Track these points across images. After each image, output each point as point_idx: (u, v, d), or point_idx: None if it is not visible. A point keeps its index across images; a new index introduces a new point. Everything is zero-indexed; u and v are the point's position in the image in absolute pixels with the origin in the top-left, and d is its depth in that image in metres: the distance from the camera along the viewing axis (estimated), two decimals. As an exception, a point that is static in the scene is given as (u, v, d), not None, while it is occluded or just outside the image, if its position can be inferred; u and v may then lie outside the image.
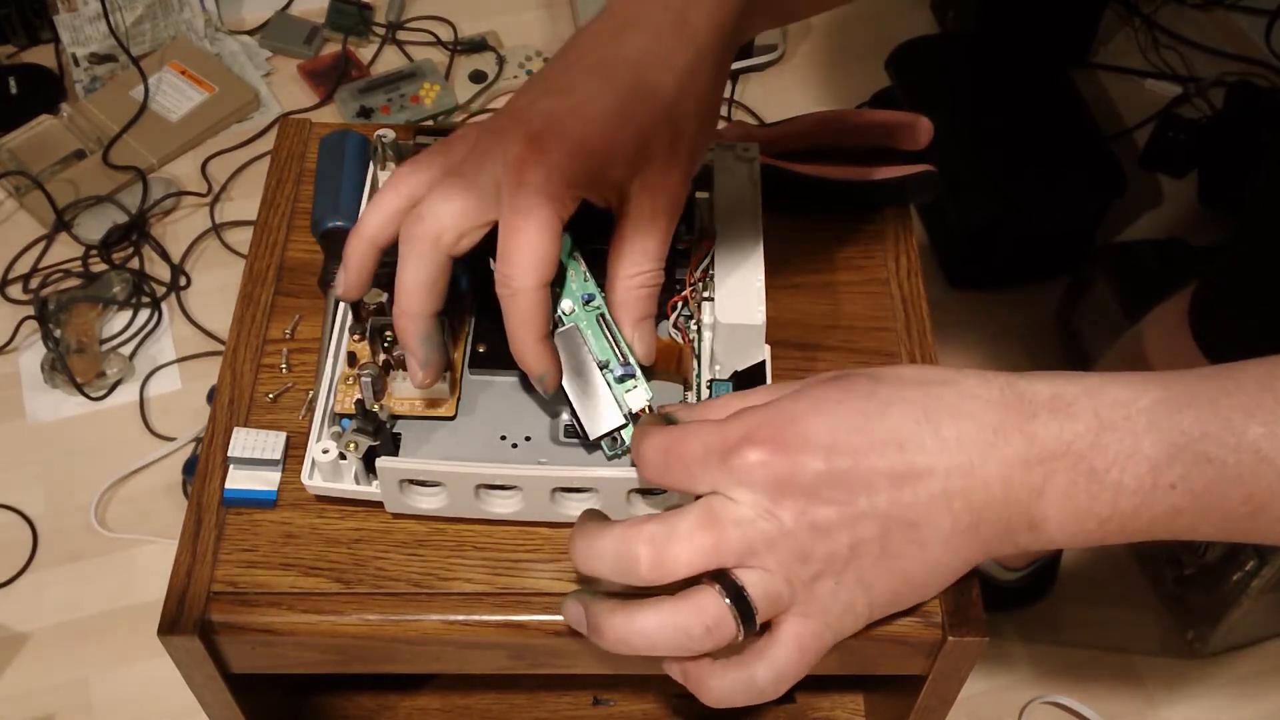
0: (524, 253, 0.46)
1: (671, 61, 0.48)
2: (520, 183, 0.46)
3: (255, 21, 1.71)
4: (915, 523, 0.43)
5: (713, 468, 0.43)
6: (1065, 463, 0.42)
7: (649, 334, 0.52)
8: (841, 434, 0.42)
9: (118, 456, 1.31)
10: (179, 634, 0.51)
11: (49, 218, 1.47)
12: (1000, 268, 1.48)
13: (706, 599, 0.44)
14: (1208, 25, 1.75)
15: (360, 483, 0.53)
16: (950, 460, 0.42)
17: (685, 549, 0.43)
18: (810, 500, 0.42)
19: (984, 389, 0.43)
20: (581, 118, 0.47)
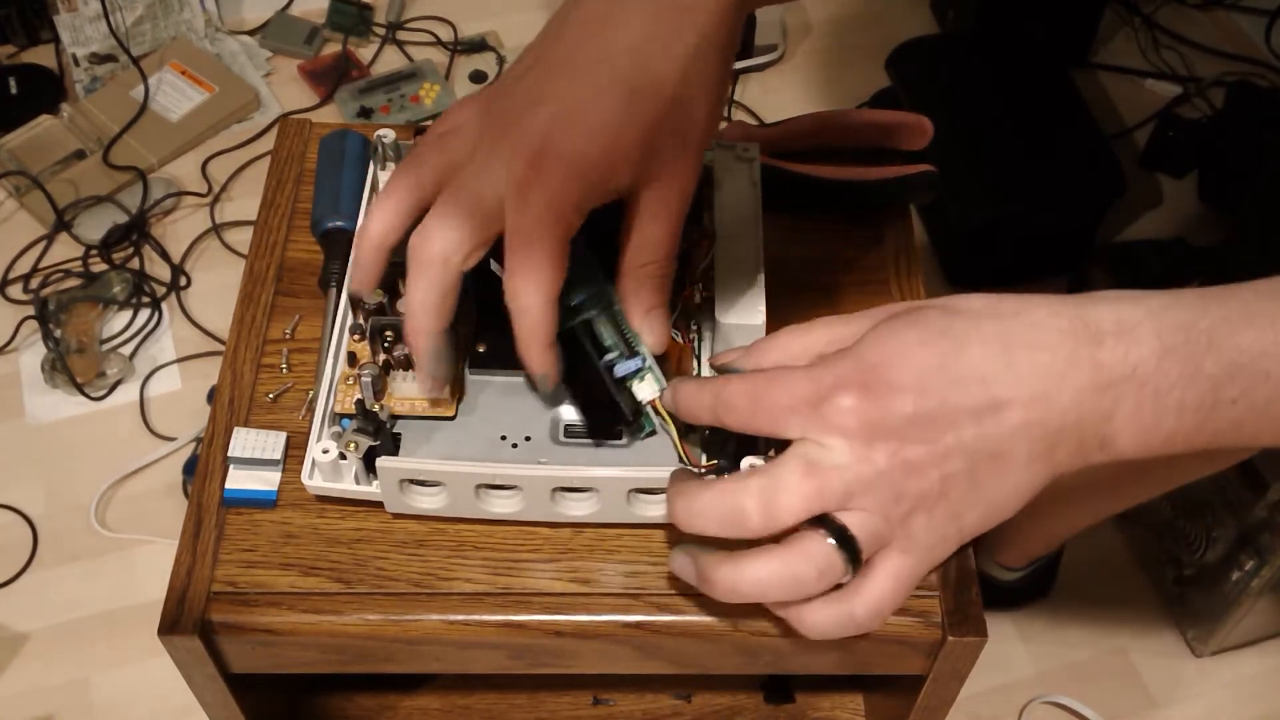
0: (530, 274, 0.47)
1: (673, 46, 0.47)
2: (523, 207, 0.47)
3: (255, 21, 1.71)
4: (998, 453, 0.45)
5: (803, 415, 0.45)
6: (1131, 386, 0.44)
7: (659, 323, 0.52)
8: (925, 375, 0.44)
9: (118, 456, 1.31)
10: (179, 634, 0.51)
11: (49, 218, 1.47)
12: (1000, 268, 1.48)
13: (815, 544, 0.45)
14: (1208, 25, 1.75)
15: (360, 483, 0.53)
16: (1027, 391, 0.44)
17: (792, 498, 0.45)
18: (901, 441, 0.44)
19: (1054, 318, 0.45)
20: (582, 130, 0.46)
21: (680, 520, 0.47)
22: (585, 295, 0.53)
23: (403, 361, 0.54)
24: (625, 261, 0.51)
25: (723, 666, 0.54)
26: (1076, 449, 0.45)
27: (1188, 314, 0.44)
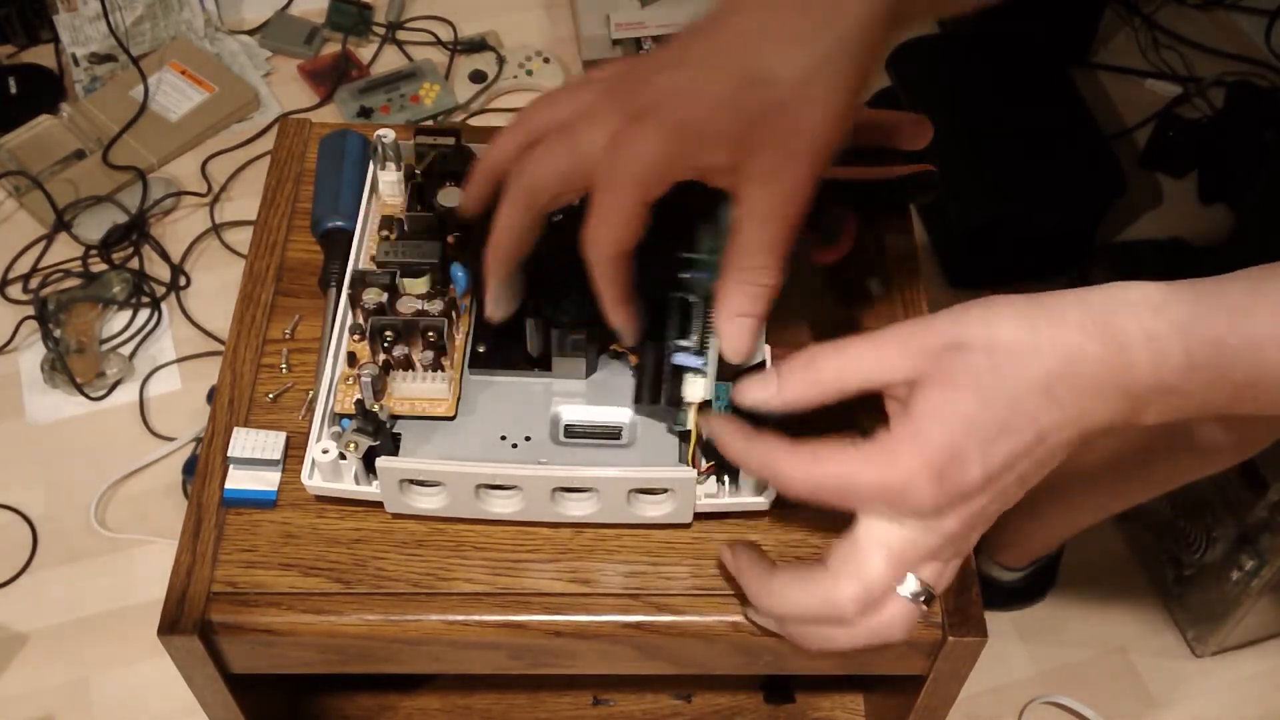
0: (604, 227, 0.49)
1: (802, 46, 0.47)
2: (613, 159, 0.48)
3: (255, 21, 1.71)
4: (1046, 465, 0.48)
5: (880, 503, 0.47)
6: (1158, 395, 0.47)
7: (742, 333, 0.50)
8: (987, 441, 0.46)
9: (118, 456, 1.31)
10: (179, 634, 0.51)
11: (49, 218, 1.47)
12: (1000, 268, 1.48)
13: (896, 608, 0.48)
14: (1208, 25, 1.75)
15: (360, 483, 0.53)
16: (1071, 418, 0.47)
17: (881, 585, 0.48)
18: (970, 501, 0.47)
19: (1089, 344, 0.46)
20: (685, 99, 0.48)
21: (768, 607, 0.50)
22: (694, 274, 0.54)
23: (402, 361, 0.54)
24: (727, 261, 0.50)
25: (723, 666, 0.54)
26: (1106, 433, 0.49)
27: (1215, 329, 0.46)
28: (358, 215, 0.60)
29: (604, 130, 0.49)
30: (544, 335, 0.55)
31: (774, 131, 0.48)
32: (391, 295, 0.55)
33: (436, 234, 0.58)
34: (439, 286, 0.56)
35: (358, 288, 0.55)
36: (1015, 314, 0.47)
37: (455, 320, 0.56)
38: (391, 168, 0.61)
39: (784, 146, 0.48)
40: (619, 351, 0.56)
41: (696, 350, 0.53)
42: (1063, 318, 0.47)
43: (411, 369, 0.55)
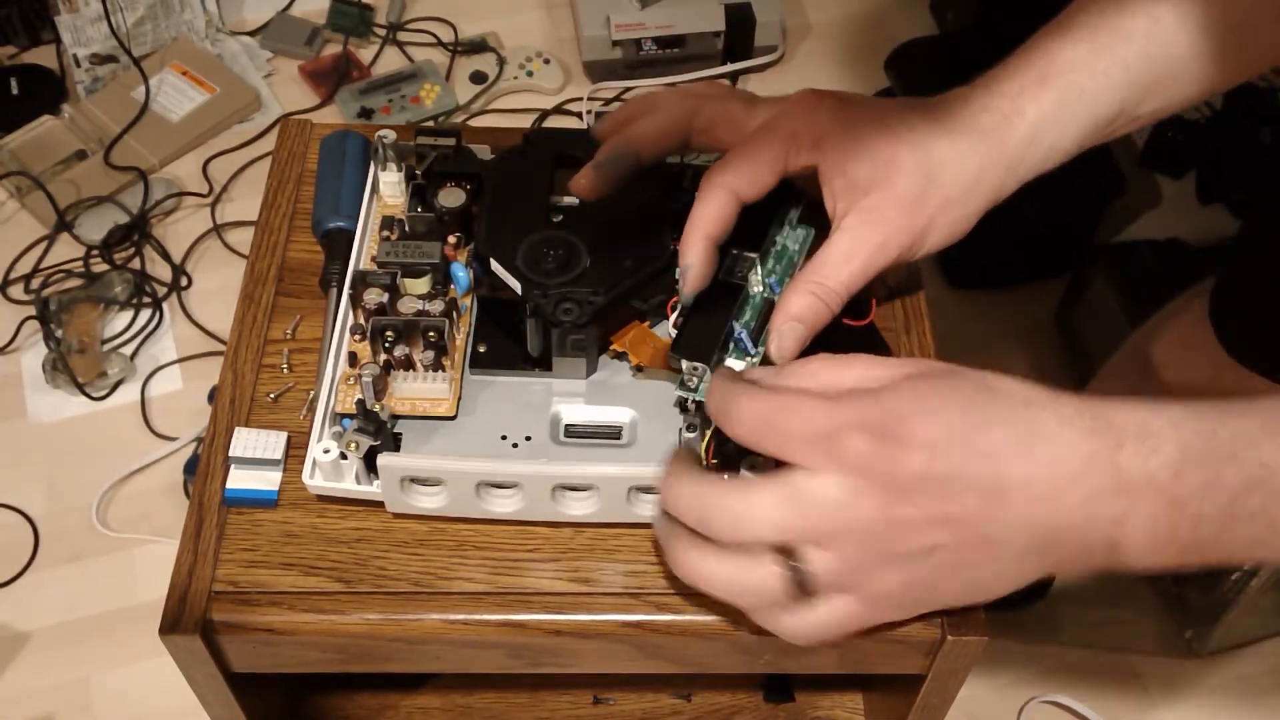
0: (738, 161, 0.52)
1: (965, 153, 0.54)
2: (783, 113, 0.53)
3: (256, 22, 1.71)
4: (993, 539, 0.44)
5: (813, 446, 0.44)
6: (1148, 493, 0.43)
7: (794, 335, 0.52)
8: (945, 439, 0.43)
9: (119, 456, 1.31)
10: (180, 633, 0.51)
11: (50, 218, 1.47)
12: (1000, 268, 1.48)
13: (770, 575, 0.45)
14: (1207, 26, 1.75)
15: (361, 482, 0.53)
16: (1039, 484, 0.43)
17: (763, 526, 0.45)
18: (899, 498, 0.43)
19: (1079, 416, 0.44)
20: (866, 107, 0.54)
21: (663, 498, 0.48)
22: (770, 276, 0.55)
23: (403, 361, 0.54)
24: (802, 271, 0.53)
25: (723, 666, 0.55)
26: (1080, 551, 0.44)
27: (1208, 423, 0.43)
28: (359, 216, 0.60)
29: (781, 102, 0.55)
30: (544, 335, 0.55)
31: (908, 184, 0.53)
32: (392, 295, 0.55)
33: (437, 234, 0.58)
34: (439, 287, 0.56)
35: (359, 288, 0.55)
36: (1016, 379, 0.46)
37: (456, 320, 0.56)
38: (392, 168, 0.61)
39: (914, 201, 0.53)
40: (619, 351, 0.56)
41: (752, 335, 0.54)
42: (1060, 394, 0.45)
43: (412, 369, 0.55)
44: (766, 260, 0.56)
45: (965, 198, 0.54)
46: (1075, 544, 0.44)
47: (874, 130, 0.53)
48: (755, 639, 0.53)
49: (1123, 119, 0.56)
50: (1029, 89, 0.54)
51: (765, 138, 0.53)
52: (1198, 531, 0.43)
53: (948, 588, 0.46)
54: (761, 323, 0.54)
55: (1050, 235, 1.47)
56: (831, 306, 0.52)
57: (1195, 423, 0.43)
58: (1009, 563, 0.45)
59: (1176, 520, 0.43)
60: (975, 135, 0.54)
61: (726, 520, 0.45)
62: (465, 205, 0.58)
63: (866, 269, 0.53)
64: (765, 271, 0.56)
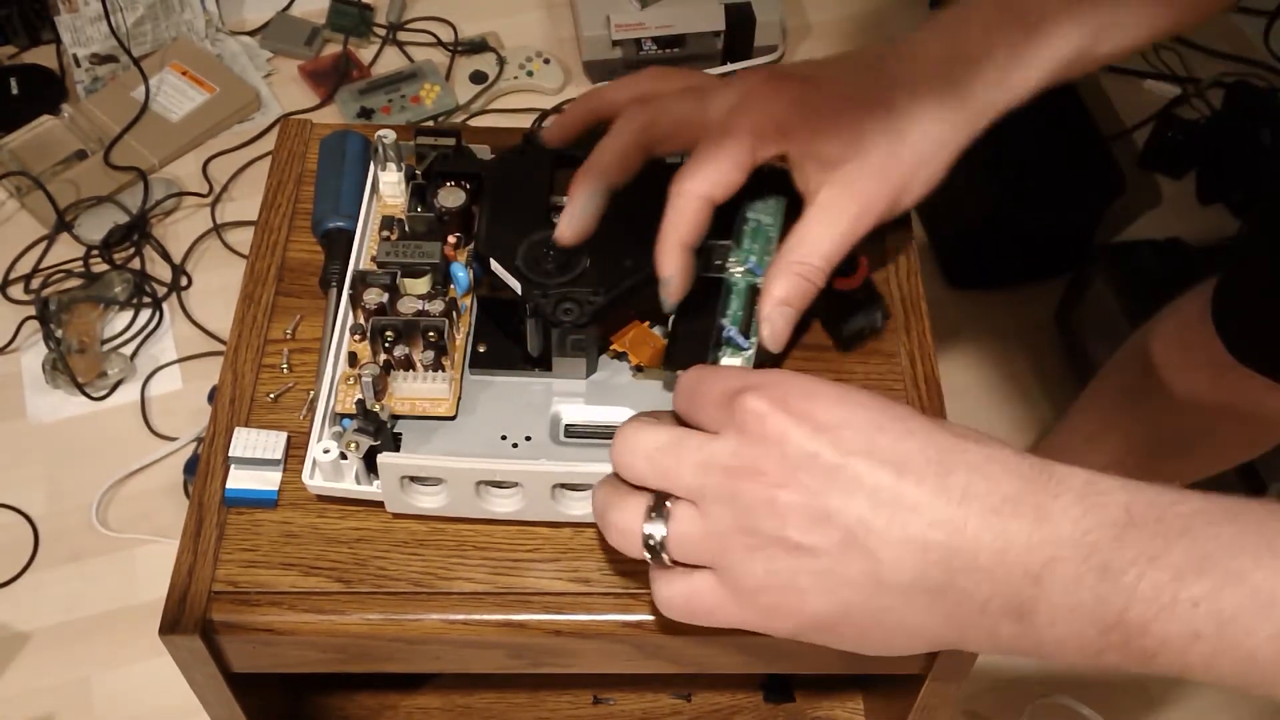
0: (707, 165, 0.50)
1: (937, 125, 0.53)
2: (739, 108, 0.51)
3: (256, 22, 1.71)
4: (878, 555, 0.39)
5: (718, 407, 0.42)
6: (1076, 551, 0.37)
7: (785, 320, 0.52)
8: (847, 432, 0.40)
9: (119, 456, 1.31)
10: (180, 633, 0.51)
11: (50, 218, 1.47)
12: (1000, 268, 1.48)
13: (631, 510, 0.43)
14: (1206, 26, 1.75)
15: (361, 482, 0.53)
16: (943, 509, 0.38)
17: (636, 455, 0.43)
18: (782, 476, 0.40)
19: (1015, 460, 0.39)
20: (824, 83, 0.52)
21: None
22: (745, 265, 0.55)
23: (403, 361, 0.54)
24: (783, 251, 0.52)
25: (722, 666, 0.54)
26: (981, 606, 0.38)
27: (1168, 495, 0.38)
28: (358, 216, 0.60)
29: (735, 91, 0.52)
30: (544, 335, 0.55)
31: (879, 150, 0.52)
32: (392, 295, 0.55)
33: (437, 234, 0.58)
34: (439, 287, 0.56)
35: (358, 288, 0.55)
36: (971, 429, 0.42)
37: (456, 320, 0.56)
38: (392, 168, 0.61)
39: (884, 167, 0.52)
40: (619, 351, 0.56)
41: (742, 330, 0.54)
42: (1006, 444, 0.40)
43: (412, 369, 0.55)
44: (742, 241, 0.56)
45: (938, 150, 0.53)
46: (978, 599, 0.38)
47: (837, 107, 0.52)
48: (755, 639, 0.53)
49: (1082, 60, 0.56)
50: (995, 29, 0.53)
51: (729, 137, 0.51)
52: (1127, 612, 0.36)
53: (818, 601, 0.40)
54: (749, 312, 0.54)
55: (1050, 235, 1.47)
56: (817, 283, 0.52)
57: (1151, 492, 0.38)
58: (893, 596, 0.39)
59: (1104, 592, 0.36)
60: (943, 86, 0.52)
61: (618, 445, 0.44)
62: (465, 205, 0.58)
63: (847, 240, 0.52)
64: (743, 253, 0.55)
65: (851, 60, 0.54)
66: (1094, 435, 1.10)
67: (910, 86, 0.53)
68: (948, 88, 0.53)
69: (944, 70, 0.53)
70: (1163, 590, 0.36)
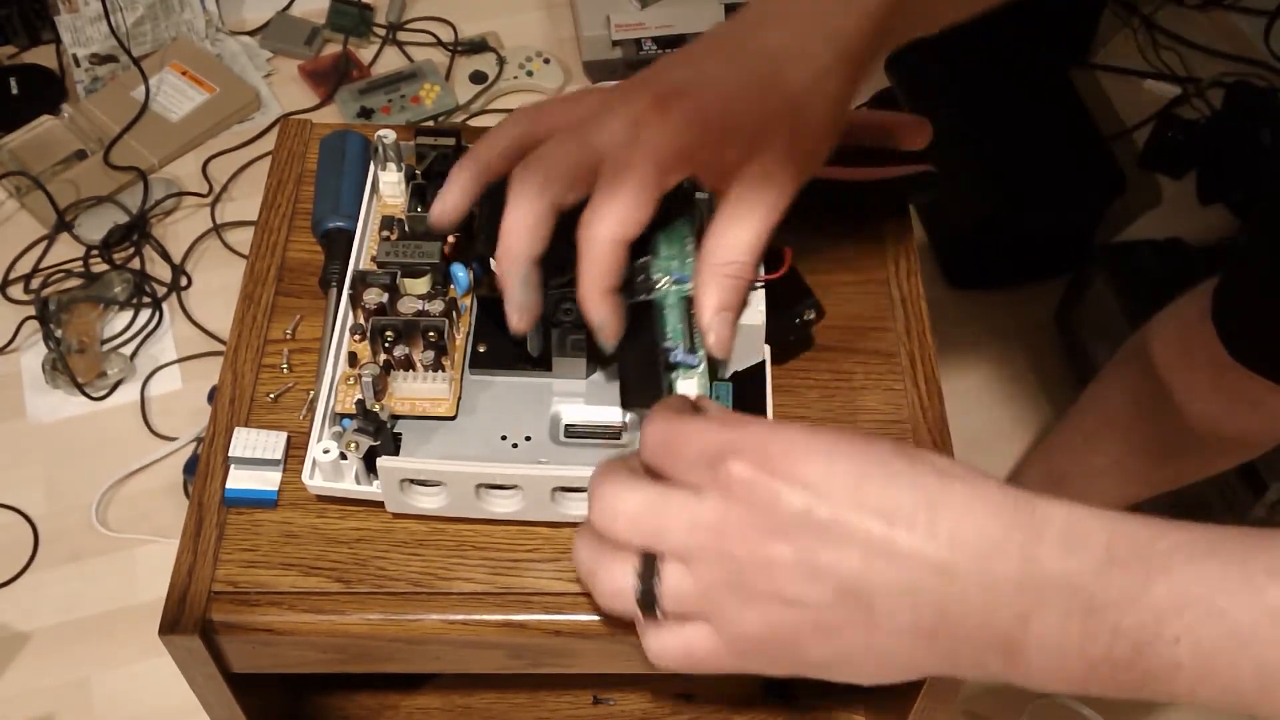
0: (613, 205, 0.47)
1: (807, 59, 0.49)
2: (634, 138, 0.47)
3: (256, 22, 1.71)
4: (871, 605, 0.40)
5: (698, 466, 0.42)
6: (1062, 594, 0.38)
7: (727, 326, 0.51)
8: (833, 484, 0.40)
9: (119, 456, 1.31)
10: (180, 633, 0.51)
11: (50, 218, 1.47)
12: (1000, 267, 1.48)
13: (618, 570, 0.43)
14: (1206, 26, 1.75)
15: (361, 482, 0.53)
16: (935, 555, 0.39)
17: (621, 521, 0.43)
18: (772, 534, 0.40)
19: (999, 497, 0.40)
20: (709, 90, 0.48)
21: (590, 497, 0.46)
22: (668, 275, 0.53)
23: (403, 361, 0.54)
24: (707, 255, 0.50)
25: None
26: (973, 646, 0.40)
27: (1147, 531, 0.39)
28: (358, 216, 0.60)
29: (623, 120, 0.48)
30: (544, 335, 0.55)
31: (781, 133, 0.49)
32: (392, 295, 0.55)
33: (437, 234, 0.58)
34: (439, 287, 0.56)
35: (358, 288, 0.55)
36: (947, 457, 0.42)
37: (456, 320, 0.56)
38: (392, 168, 0.61)
39: (788, 149, 0.49)
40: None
41: (688, 348, 0.53)
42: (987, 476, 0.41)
43: (412, 369, 0.55)
44: (659, 250, 0.54)
45: (838, 106, 0.51)
46: (969, 638, 0.39)
47: (730, 109, 0.49)
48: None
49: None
50: None
51: (632, 171, 0.47)
52: (1113, 649, 0.38)
53: (815, 650, 0.41)
54: (688, 324, 0.53)
55: (1050, 235, 1.48)
56: (747, 279, 0.50)
57: (1133, 528, 0.39)
58: (886, 638, 0.40)
59: (1090, 630, 0.38)
60: (827, 43, 0.49)
61: (597, 506, 0.44)
62: (465, 205, 0.58)
63: (767, 228, 0.50)
64: (663, 264, 0.54)
65: (723, 43, 0.51)
66: (1093, 436, 1.10)
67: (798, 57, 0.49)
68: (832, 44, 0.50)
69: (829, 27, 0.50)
70: (1145, 628, 0.37)
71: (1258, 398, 0.90)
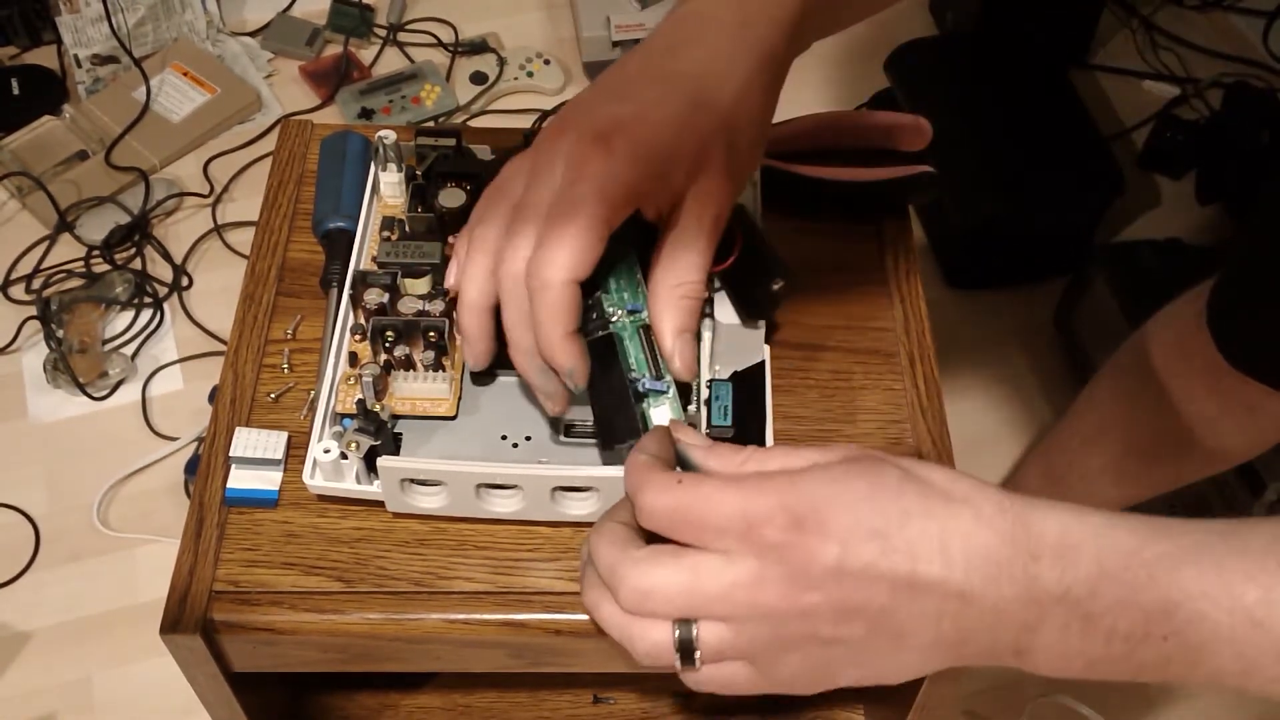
0: (564, 247, 0.47)
1: (730, 75, 0.49)
2: (579, 178, 0.47)
3: (257, 23, 1.71)
4: (901, 632, 0.43)
5: (726, 535, 0.43)
6: (1061, 606, 0.42)
7: (690, 348, 0.51)
8: (860, 531, 0.43)
9: (120, 456, 1.31)
10: (181, 633, 0.51)
11: (51, 218, 1.47)
12: (999, 268, 1.48)
13: (655, 634, 0.44)
14: (1205, 26, 1.75)
15: (361, 482, 0.53)
16: (952, 583, 0.42)
17: (662, 605, 0.44)
18: (808, 587, 0.42)
19: (998, 517, 0.43)
20: (646, 123, 0.48)
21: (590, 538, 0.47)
22: (622, 307, 0.53)
23: (404, 361, 0.54)
24: (659, 280, 0.50)
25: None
26: (987, 650, 0.44)
27: (1133, 541, 0.43)
28: (359, 216, 0.60)
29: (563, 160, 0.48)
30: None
31: (718, 152, 0.49)
32: (392, 295, 0.55)
33: (437, 234, 0.58)
34: (440, 287, 0.56)
35: (359, 288, 0.55)
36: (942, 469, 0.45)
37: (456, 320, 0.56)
38: (393, 169, 0.61)
39: (723, 167, 0.50)
40: None
41: (653, 375, 0.52)
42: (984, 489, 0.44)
43: (412, 369, 0.55)
44: (609, 285, 0.54)
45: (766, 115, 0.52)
46: (984, 644, 0.43)
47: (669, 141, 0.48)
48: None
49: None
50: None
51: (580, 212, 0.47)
52: (1109, 648, 0.43)
53: (850, 673, 0.45)
54: (650, 351, 0.53)
55: (1050, 235, 1.48)
56: (701, 299, 0.51)
57: (1118, 538, 0.43)
58: (915, 653, 0.44)
59: (1088, 634, 0.42)
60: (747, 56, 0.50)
61: (629, 595, 0.44)
62: (465, 205, 0.58)
63: (713, 242, 0.50)
64: (616, 296, 0.53)
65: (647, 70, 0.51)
66: (1091, 437, 1.10)
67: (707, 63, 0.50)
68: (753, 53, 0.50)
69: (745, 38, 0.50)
70: (1135, 628, 0.42)
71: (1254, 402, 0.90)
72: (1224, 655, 0.42)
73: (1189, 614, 0.42)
